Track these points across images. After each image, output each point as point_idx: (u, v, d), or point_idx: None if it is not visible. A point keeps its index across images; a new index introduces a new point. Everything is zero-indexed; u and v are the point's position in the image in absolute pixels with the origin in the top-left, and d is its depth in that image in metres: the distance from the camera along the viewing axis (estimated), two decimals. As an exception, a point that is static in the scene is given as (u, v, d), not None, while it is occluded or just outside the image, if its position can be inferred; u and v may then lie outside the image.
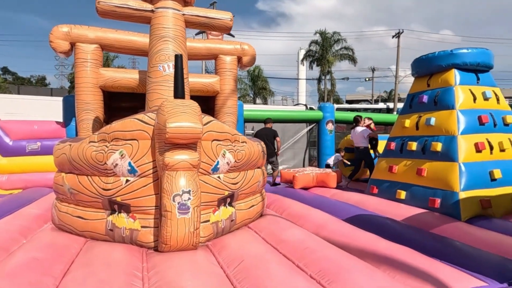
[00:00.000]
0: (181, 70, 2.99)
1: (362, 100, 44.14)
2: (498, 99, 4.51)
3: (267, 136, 6.78)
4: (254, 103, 32.44)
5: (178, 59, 3.00)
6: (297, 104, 22.77)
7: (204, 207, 3.19)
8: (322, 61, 30.12)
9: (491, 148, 4.17)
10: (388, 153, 5.14)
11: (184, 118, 2.78)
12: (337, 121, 9.25)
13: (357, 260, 2.62)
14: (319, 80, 32.30)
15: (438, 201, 4.05)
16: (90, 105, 5.63)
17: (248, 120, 8.58)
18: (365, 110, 26.42)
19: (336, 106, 25.86)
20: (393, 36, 29.30)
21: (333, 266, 2.48)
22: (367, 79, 38.53)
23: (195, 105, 2.96)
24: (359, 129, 6.80)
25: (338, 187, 6.24)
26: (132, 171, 3.03)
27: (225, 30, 5.27)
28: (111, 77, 5.75)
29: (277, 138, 6.85)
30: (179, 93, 2.96)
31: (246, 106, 9.23)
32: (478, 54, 4.44)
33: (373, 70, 39.44)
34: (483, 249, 3.02)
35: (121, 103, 6.64)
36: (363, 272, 2.38)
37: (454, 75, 4.44)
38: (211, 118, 3.42)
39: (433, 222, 3.83)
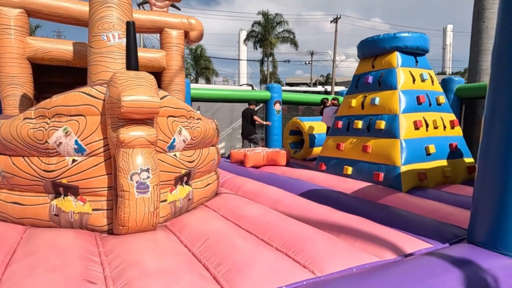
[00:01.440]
0: (133, 39, 2.75)
1: (302, 83, 45.51)
2: (432, 81, 4.94)
3: (246, 116, 7.79)
4: (197, 83, 31.60)
5: (130, 26, 2.75)
6: (242, 85, 22.68)
7: (162, 186, 3.04)
8: (265, 43, 30.22)
9: (427, 125, 4.58)
10: (335, 131, 5.38)
11: (140, 91, 2.57)
12: (286, 102, 9.46)
13: (318, 230, 2.73)
14: (261, 61, 32.46)
15: (381, 175, 4.38)
16: (17, 78, 4.96)
17: (194, 99, 8.33)
18: (305, 92, 27.33)
19: (277, 88, 26.36)
20: (331, 21, 30.36)
21: (296, 237, 2.54)
22: (306, 62, 39.66)
23: (150, 78, 2.76)
24: (327, 109, 7.07)
25: (288, 164, 6.42)
26: (79, 150, 2.75)
27: None
28: (41, 48, 5.10)
29: (254, 117, 7.82)
30: (132, 64, 2.73)
31: (192, 85, 8.94)
32: (417, 38, 4.79)
33: (312, 53, 40.69)
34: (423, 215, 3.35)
35: (53, 78, 5.98)
36: (325, 241, 2.48)
37: (397, 58, 4.75)
38: (165, 93, 3.23)
39: (378, 194, 4.13)
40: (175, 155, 3.27)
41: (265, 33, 30.21)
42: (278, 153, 6.22)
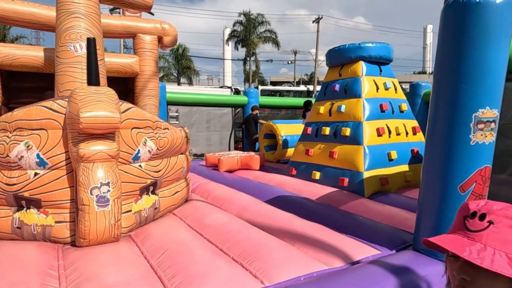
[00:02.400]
0: (94, 55, 2.80)
1: (285, 82, 45.83)
2: (396, 89, 5.15)
3: (249, 121, 8.48)
4: (178, 82, 31.39)
5: (90, 43, 2.80)
6: (222, 86, 22.68)
7: (125, 197, 3.11)
8: (247, 42, 30.29)
9: (389, 132, 4.78)
10: (305, 137, 5.53)
11: (100, 107, 2.64)
12: (263, 106, 9.63)
13: (275, 239, 2.86)
14: (244, 61, 32.53)
15: (346, 180, 4.55)
16: (-17, 85, 4.92)
17: (171, 103, 8.36)
18: (288, 92, 27.56)
19: (260, 87, 26.48)
20: (313, 21, 30.69)
21: (253, 246, 2.66)
22: (289, 62, 39.93)
23: (111, 93, 2.82)
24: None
25: (262, 168, 6.55)
26: (41, 163, 2.79)
27: (145, 9, 5.01)
28: (9, 54, 5.05)
29: (259, 121, 8.68)
30: (93, 79, 2.78)
31: (170, 88, 8.96)
32: (381, 48, 4.98)
33: (295, 53, 41.01)
34: (380, 222, 3.53)
35: (24, 83, 5.91)
36: (280, 250, 2.61)
37: (361, 67, 4.93)
38: (130, 105, 3.29)
39: (342, 199, 4.31)
40: (140, 165, 3.33)
41: (246, 33, 30.28)
42: (252, 158, 6.34)
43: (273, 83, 45.04)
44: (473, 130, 2.31)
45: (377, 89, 4.91)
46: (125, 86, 6.68)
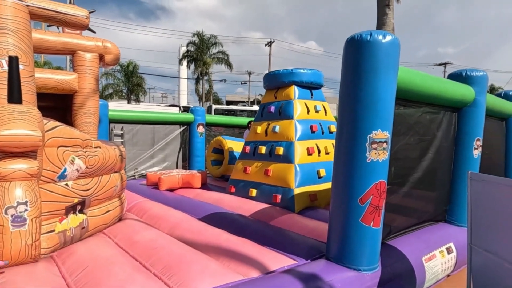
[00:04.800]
0: (16, 73, 2.79)
1: (240, 102, 46.54)
2: (325, 112, 5.59)
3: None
4: (128, 100, 30.61)
5: (12, 61, 2.80)
6: (171, 105, 22.53)
7: (48, 216, 3.05)
8: (199, 62, 30.58)
9: (319, 151, 5.16)
10: (244, 155, 5.75)
11: (20, 125, 2.63)
12: (210, 124, 9.80)
13: (199, 254, 2.97)
14: (197, 80, 32.68)
15: (279, 196, 4.81)
16: None
17: (115, 121, 8.21)
18: (241, 111, 28.02)
19: (214, 106, 26.67)
20: (265, 45, 31.88)
21: (176, 261, 2.75)
22: (242, 82, 40.78)
23: (34, 111, 2.82)
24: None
25: (204, 186, 6.63)
26: (-47, 182, 2.68)
27: (80, 27, 5.00)
28: None
29: None
30: (14, 98, 2.77)
31: (118, 105, 8.78)
32: (312, 75, 5.42)
33: (249, 73, 42.03)
34: (305, 235, 3.78)
35: None
36: (200, 263, 2.72)
37: (294, 91, 5.32)
38: (57, 123, 3.28)
39: (274, 214, 4.53)
40: (66, 184, 3.30)
41: (199, 53, 30.62)
42: (193, 176, 6.41)
43: (229, 102, 45.51)
44: (369, 149, 2.65)
45: (308, 111, 5.30)
46: (63, 103, 6.50)
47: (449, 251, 3.59)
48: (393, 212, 3.25)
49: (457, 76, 4.00)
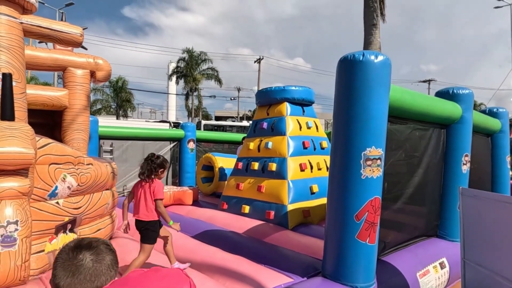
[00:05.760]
0: (9, 90, 2.77)
1: (229, 117, 46.69)
2: (317, 128, 5.67)
3: None
4: (117, 116, 30.38)
5: (6, 78, 2.78)
6: (162, 121, 22.44)
7: (38, 236, 2.98)
8: (189, 78, 30.73)
9: (311, 167, 5.20)
10: (236, 171, 5.75)
11: (12, 142, 2.58)
12: (201, 140, 9.78)
13: (194, 272, 2.92)
14: (186, 96, 32.74)
15: (272, 213, 4.79)
16: None
17: (105, 137, 8.12)
18: (231, 127, 28.09)
19: (203, 122, 26.67)
20: (254, 61, 32.33)
21: (171, 281, 2.70)
22: (232, 98, 41.04)
23: (26, 128, 2.78)
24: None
25: (195, 203, 6.56)
26: None
27: (75, 45, 5.01)
28: None
29: None
30: (7, 115, 2.73)
31: (107, 121, 8.71)
32: (303, 92, 5.51)
33: (238, 89, 42.38)
34: (300, 251, 3.77)
35: None
36: (196, 282, 2.67)
37: (286, 107, 5.39)
38: (49, 140, 3.23)
39: (268, 231, 4.50)
40: (57, 202, 3.23)
41: (189, 69, 30.81)
42: (185, 193, 6.35)
43: (218, 118, 45.59)
44: (363, 166, 2.70)
45: (300, 127, 5.37)
46: (52, 119, 6.42)
47: (442, 266, 3.62)
48: (386, 228, 3.28)
49: (444, 94, 4.13)
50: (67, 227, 3.34)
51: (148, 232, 3.13)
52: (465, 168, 4.04)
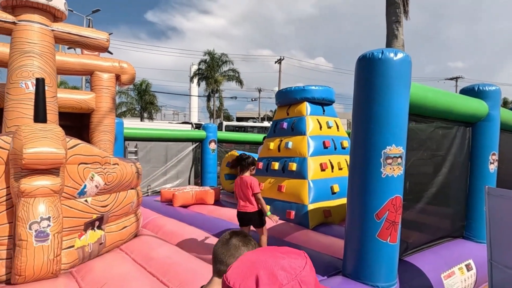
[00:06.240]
0: (42, 94, 2.93)
1: (250, 118, 46.86)
2: (338, 127, 5.63)
3: None
4: (141, 118, 31.18)
5: (39, 83, 2.95)
6: (184, 122, 22.83)
7: (68, 232, 3.13)
8: (211, 80, 31.11)
9: (332, 167, 5.17)
10: (257, 171, 5.78)
11: (45, 143, 2.74)
12: (222, 141, 9.90)
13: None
14: (208, 97, 33.15)
15: (293, 213, 4.80)
16: None
17: (129, 138, 8.38)
18: (252, 128, 28.22)
19: (225, 123, 26.94)
20: (275, 62, 32.31)
21: (193, 277, 2.78)
22: (253, 99, 41.17)
23: (57, 130, 2.94)
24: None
25: (217, 203, 6.66)
26: (-20, 199, 2.79)
27: (101, 50, 5.21)
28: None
29: None
30: (40, 117, 2.90)
31: (132, 123, 8.97)
32: (323, 91, 5.49)
33: (259, 90, 42.48)
34: (320, 251, 3.76)
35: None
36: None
37: (306, 107, 5.39)
38: (78, 141, 3.39)
39: (289, 231, 4.52)
40: (86, 200, 3.38)
41: (210, 71, 31.19)
42: (207, 192, 6.46)
43: (239, 119, 45.85)
44: (383, 164, 2.67)
45: (321, 127, 5.35)
46: (80, 122, 6.70)
47: (468, 268, 3.52)
48: (409, 228, 3.22)
49: (469, 91, 4.01)
50: (95, 224, 3.49)
51: (261, 218, 3.73)
52: (493, 167, 3.91)
